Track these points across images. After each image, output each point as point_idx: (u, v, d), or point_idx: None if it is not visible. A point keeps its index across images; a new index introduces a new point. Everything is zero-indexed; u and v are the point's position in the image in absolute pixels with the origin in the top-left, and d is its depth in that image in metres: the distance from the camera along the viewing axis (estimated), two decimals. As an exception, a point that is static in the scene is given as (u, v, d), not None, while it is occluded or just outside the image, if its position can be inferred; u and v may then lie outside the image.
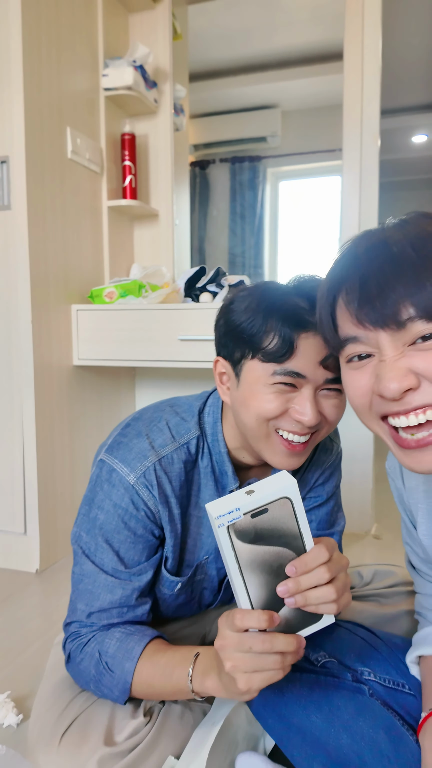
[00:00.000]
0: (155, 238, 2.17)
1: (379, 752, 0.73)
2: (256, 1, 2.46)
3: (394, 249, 0.55)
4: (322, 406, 0.77)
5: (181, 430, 0.86)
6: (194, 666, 0.75)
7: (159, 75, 2.05)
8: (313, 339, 0.73)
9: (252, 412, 0.77)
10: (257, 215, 3.32)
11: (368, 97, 2.00)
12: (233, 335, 0.78)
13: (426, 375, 0.55)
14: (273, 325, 0.74)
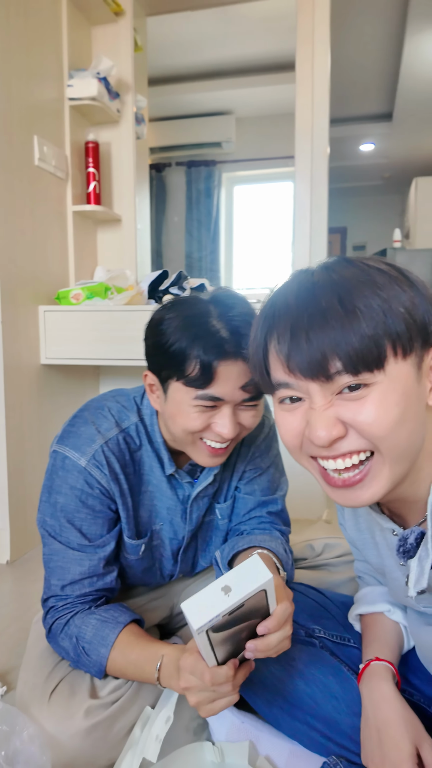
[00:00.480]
0: (118, 242, 2.26)
1: (329, 693, 0.86)
2: (212, 13, 2.55)
3: (323, 303, 0.56)
4: (240, 418, 0.85)
5: (122, 416, 0.95)
6: (160, 670, 0.83)
7: (121, 86, 2.14)
8: (232, 366, 0.79)
9: (178, 427, 0.85)
10: (213, 218, 3.41)
11: (318, 107, 2.13)
12: (160, 356, 0.83)
13: (353, 424, 0.58)
14: (195, 352, 0.78)
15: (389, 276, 0.58)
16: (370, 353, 0.55)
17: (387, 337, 0.56)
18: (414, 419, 0.58)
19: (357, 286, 0.56)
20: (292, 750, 0.89)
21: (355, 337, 0.55)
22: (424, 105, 4.48)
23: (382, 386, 0.56)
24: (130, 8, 2.11)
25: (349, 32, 3.51)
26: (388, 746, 0.76)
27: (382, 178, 6.95)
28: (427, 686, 0.88)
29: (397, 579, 0.78)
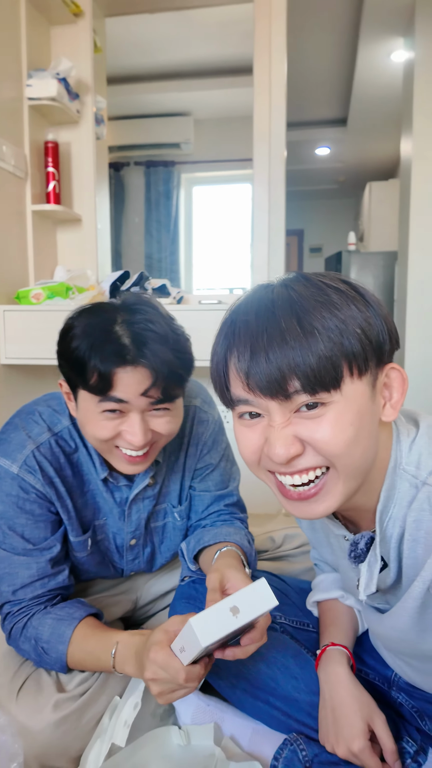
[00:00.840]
0: (78, 241, 2.26)
1: (289, 674, 0.91)
2: (170, 15, 2.58)
3: (282, 323, 0.57)
4: (152, 424, 0.85)
5: (54, 420, 0.95)
6: (114, 657, 0.86)
7: (81, 87, 2.15)
8: (132, 372, 0.79)
9: (90, 435, 0.86)
10: (173, 219, 3.43)
11: (276, 112, 2.18)
12: (67, 366, 0.84)
13: (310, 442, 0.59)
14: (94, 361, 0.78)
15: (346, 296, 0.60)
16: (327, 373, 0.56)
17: (343, 357, 0.57)
18: (367, 437, 0.61)
19: (315, 306, 0.58)
20: (255, 729, 0.93)
21: (313, 357, 0.56)
22: (376, 112, 4.63)
23: (338, 405, 0.58)
24: (89, 9, 2.12)
25: (305, 39, 3.60)
26: (341, 724, 0.81)
27: (337, 182, 7.12)
28: (381, 665, 0.94)
29: (351, 579, 0.81)
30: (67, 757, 0.88)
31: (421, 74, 2.96)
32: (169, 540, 1.11)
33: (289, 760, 0.83)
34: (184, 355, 0.85)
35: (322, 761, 0.82)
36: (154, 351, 0.80)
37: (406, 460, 0.65)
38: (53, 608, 0.94)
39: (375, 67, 3.81)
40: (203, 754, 0.92)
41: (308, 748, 0.84)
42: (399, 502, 0.65)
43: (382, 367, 0.62)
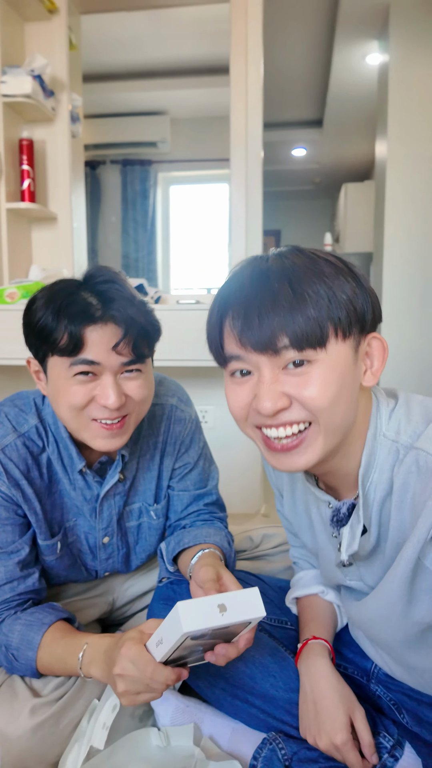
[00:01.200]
0: (54, 240, 2.24)
1: (267, 672, 0.91)
2: (146, 14, 2.57)
3: (275, 284, 0.62)
4: (125, 388, 0.84)
5: (20, 420, 0.93)
6: (82, 659, 0.84)
7: (56, 84, 2.13)
8: (101, 329, 0.80)
9: (63, 405, 0.84)
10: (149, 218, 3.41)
11: (252, 113, 2.19)
12: (33, 336, 0.84)
13: (296, 397, 0.64)
14: (62, 324, 0.79)
15: (336, 267, 0.65)
16: (314, 333, 0.62)
17: (330, 321, 0.63)
18: (348, 397, 0.66)
19: (307, 273, 0.63)
20: (235, 729, 0.93)
21: (302, 318, 0.61)
22: (351, 114, 4.67)
23: (323, 364, 0.63)
24: (64, 6, 2.10)
25: (281, 40, 3.62)
26: (323, 717, 0.82)
27: (313, 183, 7.17)
28: (361, 659, 0.95)
29: (329, 556, 0.84)
30: (46, 762, 0.87)
31: (395, 77, 3.00)
32: (144, 540, 1.10)
33: (268, 759, 0.83)
34: (150, 314, 0.86)
35: (301, 759, 0.83)
36: (121, 307, 0.81)
37: (386, 428, 0.70)
38: (23, 613, 0.93)
39: (350, 69, 3.85)
40: (182, 754, 0.91)
41: (287, 746, 0.85)
42: (380, 467, 0.70)
43: (364, 335, 0.68)
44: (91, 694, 0.94)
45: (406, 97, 2.99)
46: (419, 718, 0.85)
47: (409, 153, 3.01)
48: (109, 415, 0.84)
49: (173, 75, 3.11)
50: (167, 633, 0.67)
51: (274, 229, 7.98)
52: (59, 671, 0.90)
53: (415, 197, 3.02)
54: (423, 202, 3.01)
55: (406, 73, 2.98)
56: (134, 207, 3.44)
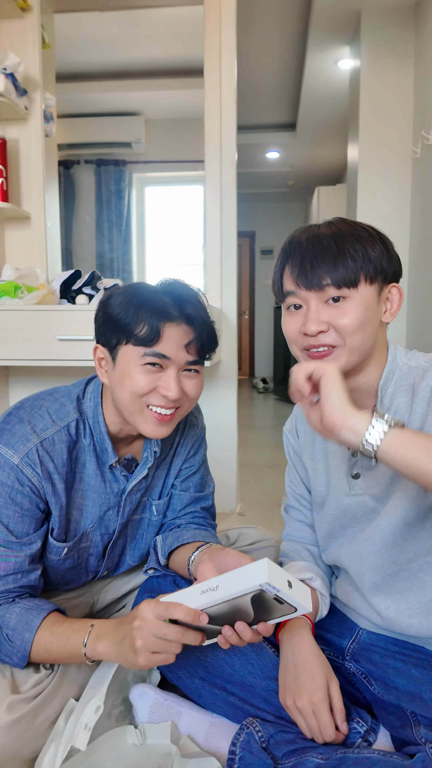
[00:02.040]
0: (26, 240, 2.22)
1: (245, 660, 0.94)
2: (120, 14, 2.57)
3: (324, 242, 0.84)
4: (184, 384, 0.93)
5: (60, 414, 0.97)
6: (89, 635, 0.86)
7: (29, 83, 2.11)
8: (176, 327, 0.90)
9: (126, 389, 0.91)
10: (124, 219, 3.40)
11: (226, 116, 2.21)
12: (110, 325, 0.92)
13: (333, 324, 0.84)
14: (143, 316, 0.88)
15: (370, 234, 0.86)
16: (349, 277, 0.83)
17: (362, 269, 0.83)
18: (370, 327, 0.86)
19: (348, 236, 0.85)
20: (212, 722, 0.94)
21: (341, 266, 0.83)
22: (324, 117, 4.74)
23: (354, 300, 0.84)
24: (37, 4, 2.08)
25: (255, 44, 3.65)
26: (304, 678, 0.87)
27: (287, 185, 7.24)
28: (338, 639, 1.01)
29: (338, 472, 0.99)
30: (20, 759, 0.87)
31: (366, 82, 3.05)
32: (142, 537, 1.13)
33: (246, 743, 0.85)
34: (213, 323, 0.97)
35: (278, 741, 0.85)
36: (194, 310, 0.92)
37: (404, 358, 0.92)
38: (21, 600, 0.93)
39: (322, 74, 3.90)
40: (159, 752, 0.92)
41: (264, 729, 0.87)
42: (396, 382, 0.91)
43: (387, 284, 0.88)
44: (67, 693, 0.95)
45: (376, 102, 3.05)
46: (386, 684, 0.91)
47: (380, 157, 3.07)
48: (166, 404, 0.92)
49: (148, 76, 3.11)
50: (231, 582, 0.71)
51: (248, 230, 8.02)
52: (56, 651, 0.89)
53: (386, 200, 3.08)
54: (394, 206, 3.07)
55: (376, 78, 3.04)
56: (109, 207, 3.43)
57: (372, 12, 3.00)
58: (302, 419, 1.08)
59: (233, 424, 2.25)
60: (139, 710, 0.96)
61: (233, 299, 2.27)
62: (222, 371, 2.26)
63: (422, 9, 2.81)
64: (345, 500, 0.97)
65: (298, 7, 3.24)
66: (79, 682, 0.97)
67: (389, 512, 0.91)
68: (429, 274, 2.68)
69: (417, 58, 2.91)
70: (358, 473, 0.95)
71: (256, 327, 8.35)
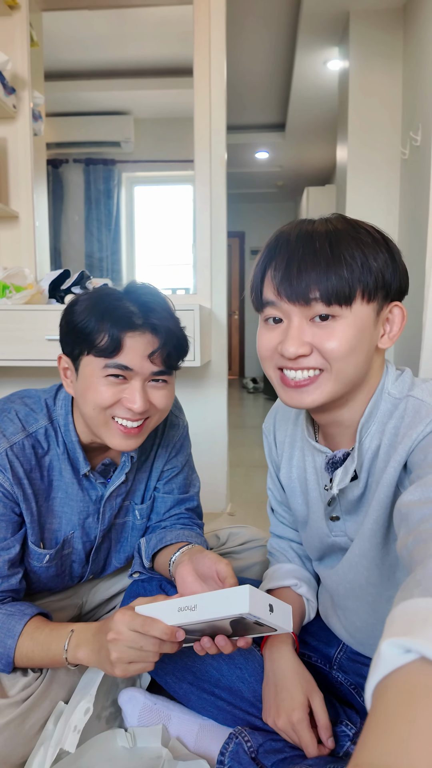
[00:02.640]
0: (15, 239, 2.20)
1: (233, 664, 0.93)
2: (109, 13, 2.56)
3: (317, 243, 0.69)
4: (151, 395, 0.89)
5: (30, 420, 0.94)
6: (69, 641, 0.85)
7: (17, 82, 2.10)
8: (140, 337, 0.85)
9: (90, 402, 0.87)
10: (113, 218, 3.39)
11: (216, 114, 2.20)
12: (72, 334, 0.87)
13: (317, 347, 0.71)
14: (104, 326, 0.83)
15: (374, 238, 0.72)
16: (342, 291, 0.68)
17: (359, 283, 0.69)
18: (363, 353, 0.72)
19: (347, 238, 0.70)
20: (202, 725, 0.94)
21: (335, 276, 0.68)
22: (313, 118, 4.75)
23: (346, 320, 0.70)
24: (25, 2, 2.07)
25: (244, 45, 3.65)
26: (282, 697, 0.84)
27: (276, 186, 7.25)
28: (325, 646, 0.99)
29: (318, 511, 0.88)
30: (10, 764, 0.86)
31: (355, 83, 3.06)
32: (125, 541, 1.11)
33: (234, 753, 0.84)
34: (182, 330, 0.91)
35: (267, 750, 0.84)
36: (160, 318, 0.86)
37: (391, 386, 0.77)
38: (2, 605, 0.92)
39: (311, 75, 3.91)
40: (149, 755, 0.92)
41: (253, 738, 0.86)
42: (379, 419, 0.77)
43: (388, 302, 0.74)
44: (56, 696, 0.94)
45: (365, 103, 3.06)
46: None
47: (369, 158, 3.08)
48: (132, 416, 0.88)
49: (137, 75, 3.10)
50: (211, 605, 0.69)
51: (238, 230, 8.03)
52: (38, 659, 0.88)
53: (374, 201, 3.09)
54: (382, 206, 3.09)
55: (365, 80, 3.05)
56: (98, 206, 3.41)
57: (361, 13, 3.01)
58: (282, 421, 0.99)
59: (223, 424, 2.25)
60: (129, 714, 0.95)
61: (223, 299, 2.27)
62: (212, 371, 2.26)
63: (410, 11, 2.83)
64: (326, 540, 0.89)
65: (287, 8, 3.24)
66: (69, 685, 0.96)
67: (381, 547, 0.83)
68: (417, 276, 2.70)
69: (405, 59, 2.92)
70: (337, 516, 0.86)
71: (246, 327, 8.36)
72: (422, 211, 2.56)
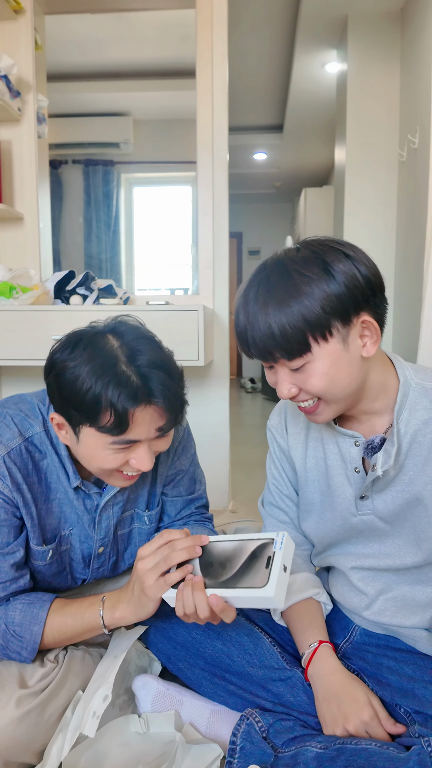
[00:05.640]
0: (19, 240, 2.23)
1: (242, 650, 0.96)
2: (109, 15, 2.58)
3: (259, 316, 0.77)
4: (154, 447, 0.89)
5: (25, 425, 0.94)
6: (103, 605, 0.91)
7: (22, 85, 2.13)
8: (146, 410, 0.81)
9: (94, 466, 0.88)
10: (113, 219, 3.41)
11: (218, 116, 2.23)
12: (69, 403, 0.82)
13: (302, 388, 0.81)
14: (108, 403, 0.78)
15: (309, 279, 0.75)
16: (296, 346, 0.76)
17: (308, 331, 0.75)
18: (346, 373, 0.80)
19: (280, 298, 0.75)
20: (213, 710, 0.97)
21: (282, 341, 0.76)
22: (311, 120, 4.78)
23: (315, 363, 0.78)
24: (30, 6, 2.10)
25: (243, 47, 3.68)
26: (347, 703, 0.86)
27: (274, 186, 7.29)
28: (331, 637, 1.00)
29: (343, 495, 0.94)
30: (31, 751, 0.89)
31: (353, 86, 3.10)
32: (133, 546, 1.12)
33: (246, 734, 0.87)
34: (182, 379, 0.88)
35: (277, 729, 0.88)
36: (163, 386, 0.82)
37: (415, 378, 0.87)
38: (18, 598, 0.94)
39: (309, 77, 3.95)
40: (163, 740, 0.95)
41: (263, 719, 0.89)
42: (411, 406, 0.85)
43: (354, 318, 0.78)
44: (72, 685, 0.97)
45: (363, 105, 3.09)
46: (379, 681, 0.92)
47: (367, 160, 3.12)
48: (137, 473, 0.90)
49: (136, 77, 3.13)
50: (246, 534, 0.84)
51: (236, 231, 8.06)
52: (72, 630, 0.93)
53: (372, 203, 3.13)
54: (380, 208, 3.12)
55: (363, 82, 3.08)
56: (97, 207, 3.43)
57: (359, 17, 3.05)
58: (293, 416, 1.02)
59: (225, 424, 2.28)
60: (142, 700, 0.98)
61: (225, 299, 2.31)
62: (214, 371, 2.29)
63: (408, 14, 2.87)
64: (352, 519, 0.93)
65: (286, 12, 3.28)
66: (84, 674, 0.99)
67: (400, 534, 0.90)
68: (415, 276, 2.73)
69: (403, 62, 2.96)
70: (366, 495, 0.91)
71: (244, 327, 8.37)
72: (420, 213, 2.60)
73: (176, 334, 1.82)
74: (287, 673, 0.94)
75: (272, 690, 0.94)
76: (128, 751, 0.94)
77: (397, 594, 0.94)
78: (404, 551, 0.91)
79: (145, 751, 0.94)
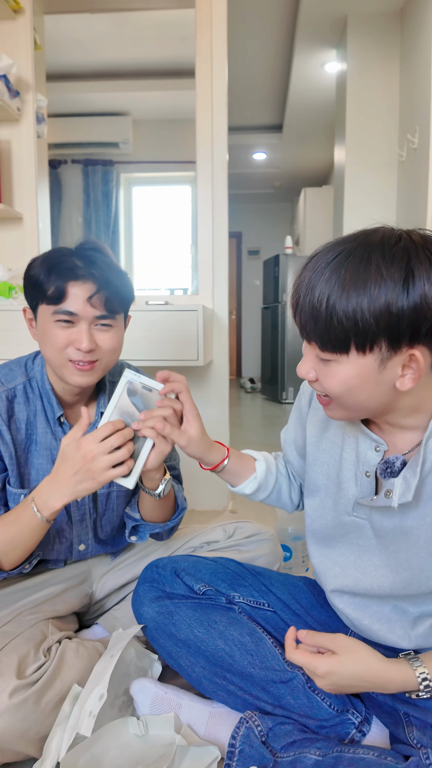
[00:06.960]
0: (19, 240, 2.23)
1: (244, 650, 0.96)
2: (108, 15, 2.58)
3: (315, 297, 0.70)
4: (97, 337, 1.02)
5: (9, 377, 1.08)
6: (34, 501, 0.95)
7: (21, 85, 2.12)
8: (81, 285, 0.98)
9: (47, 345, 1.01)
10: (112, 219, 3.41)
11: (217, 115, 2.23)
12: (29, 287, 1.02)
13: (319, 380, 0.77)
14: (52, 278, 0.98)
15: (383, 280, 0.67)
16: (335, 342, 0.71)
17: (354, 336, 0.69)
18: (366, 393, 0.74)
19: (348, 285, 0.68)
20: (212, 712, 0.97)
21: (327, 330, 0.71)
22: (310, 120, 4.78)
23: (344, 365, 0.73)
24: (29, 6, 2.09)
25: (243, 47, 3.68)
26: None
27: (273, 186, 7.29)
28: None
29: (346, 490, 0.90)
30: (27, 739, 0.90)
31: (352, 86, 3.10)
32: (111, 511, 1.18)
33: (246, 737, 0.87)
34: (124, 278, 1.04)
35: (276, 733, 0.87)
36: (100, 269, 0.99)
37: None
38: None
39: (309, 77, 3.95)
40: (162, 743, 0.95)
41: (263, 722, 0.89)
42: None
43: (399, 348, 0.70)
44: (66, 676, 0.98)
45: (363, 105, 3.09)
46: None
47: (367, 159, 3.12)
48: (82, 357, 1.01)
49: (135, 77, 3.13)
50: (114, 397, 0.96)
51: (235, 231, 8.06)
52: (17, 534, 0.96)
53: (372, 203, 3.13)
54: (379, 208, 3.12)
55: (362, 82, 3.08)
56: (97, 207, 3.43)
57: (358, 17, 3.05)
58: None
59: (225, 424, 2.28)
60: (140, 704, 0.98)
61: (224, 299, 2.30)
62: (214, 371, 2.29)
63: (407, 14, 2.87)
64: (344, 518, 0.91)
65: (286, 11, 3.28)
66: (77, 666, 1.00)
67: (381, 553, 0.86)
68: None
69: (402, 62, 2.96)
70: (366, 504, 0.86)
71: (243, 327, 8.40)
72: (419, 213, 2.60)
73: (175, 334, 1.81)
74: (288, 675, 0.94)
75: (273, 692, 0.94)
76: (127, 753, 0.94)
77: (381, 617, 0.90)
78: (379, 572, 0.86)
79: (144, 753, 0.94)
